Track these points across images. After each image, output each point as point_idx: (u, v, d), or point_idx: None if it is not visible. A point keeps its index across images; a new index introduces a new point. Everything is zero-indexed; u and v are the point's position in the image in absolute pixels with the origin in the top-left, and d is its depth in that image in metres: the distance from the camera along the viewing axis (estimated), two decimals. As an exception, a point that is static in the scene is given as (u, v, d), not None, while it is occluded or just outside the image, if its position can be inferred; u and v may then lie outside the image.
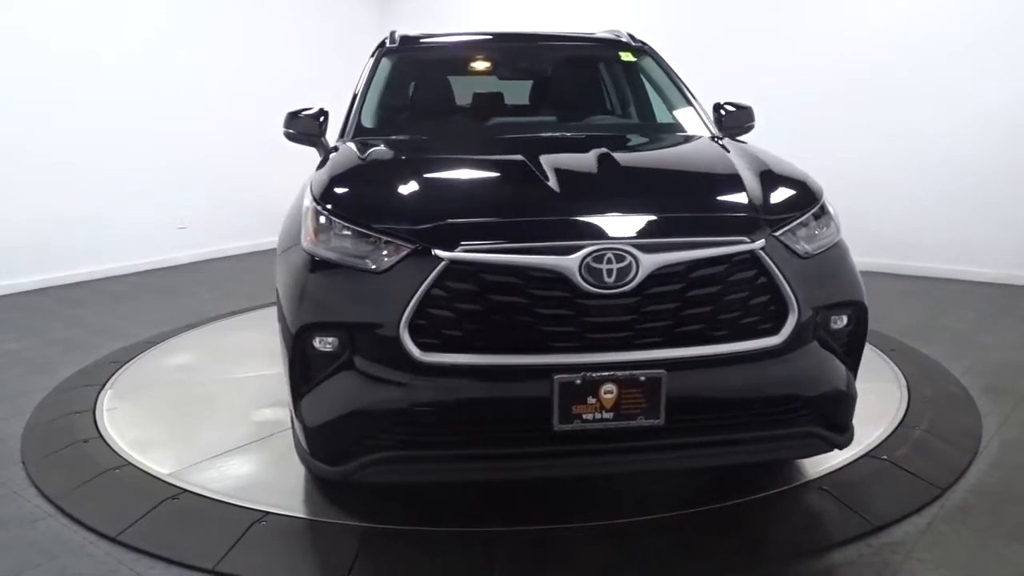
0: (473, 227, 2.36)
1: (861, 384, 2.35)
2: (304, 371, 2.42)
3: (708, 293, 2.32)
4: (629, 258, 2.24)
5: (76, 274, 7.08)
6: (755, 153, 3.02)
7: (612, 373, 2.24)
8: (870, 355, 4.46)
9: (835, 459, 3.09)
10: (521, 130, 3.70)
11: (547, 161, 2.70)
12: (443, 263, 2.23)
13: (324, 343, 2.36)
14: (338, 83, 3.99)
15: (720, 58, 7.36)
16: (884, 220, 6.76)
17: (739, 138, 3.64)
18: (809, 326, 2.44)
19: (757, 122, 3.78)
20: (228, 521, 2.76)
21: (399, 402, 2.29)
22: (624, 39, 4.23)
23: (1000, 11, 6.05)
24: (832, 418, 2.55)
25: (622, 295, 2.25)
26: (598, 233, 2.29)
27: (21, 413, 3.81)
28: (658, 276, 2.27)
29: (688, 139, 3.47)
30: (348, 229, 2.43)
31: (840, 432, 2.58)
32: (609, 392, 2.25)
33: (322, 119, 3.64)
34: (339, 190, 2.68)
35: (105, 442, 3.41)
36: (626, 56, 4.18)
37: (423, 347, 2.26)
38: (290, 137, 3.65)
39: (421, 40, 4.25)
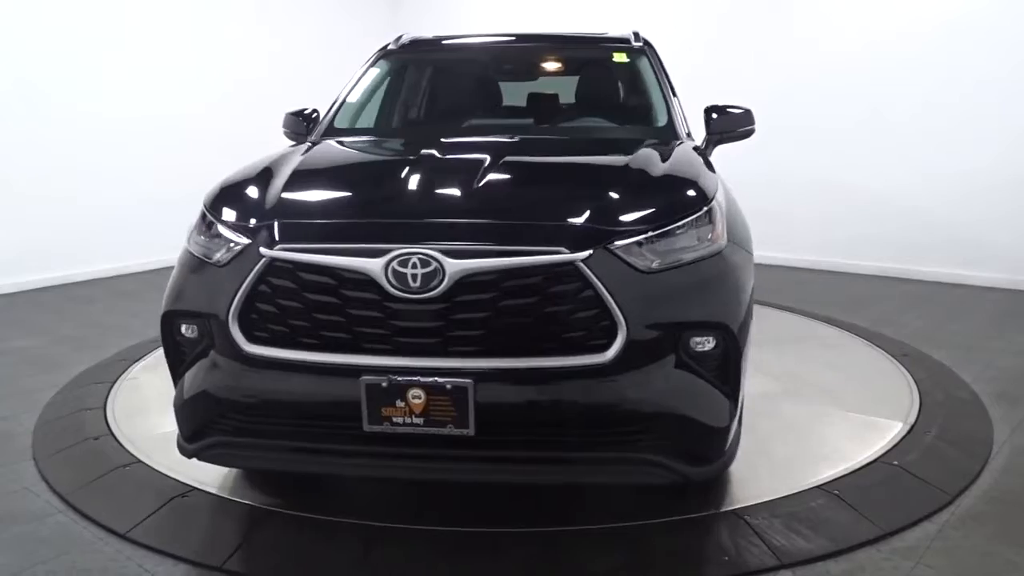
0: (297, 226, 2.45)
1: (872, 388, 2.31)
2: (175, 354, 2.59)
3: (523, 304, 2.24)
4: (435, 264, 2.21)
5: (87, 272, 7.11)
6: (668, 160, 2.86)
7: (417, 379, 2.23)
8: (881, 360, 4.47)
9: (846, 463, 3.09)
10: (482, 133, 3.65)
11: (430, 164, 2.79)
12: (264, 260, 2.33)
13: (188, 329, 2.52)
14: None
15: (731, 59, 7.35)
16: (895, 224, 6.74)
17: (738, 143, 3.58)
18: (657, 346, 2.27)
19: (769, 124, 3.72)
20: (236, 519, 2.77)
21: (230, 390, 2.43)
22: (626, 38, 4.09)
23: (1016, 17, 6.03)
24: (686, 447, 2.35)
25: (429, 300, 2.23)
26: (408, 237, 2.27)
27: (32, 410, 3.83)
28: (468, 284, 2.22)
29: (626, 145, 3.19)
30: (215, 226, 2.57)
31: (697, 463, 2.37)
32: (417, 397, 2.24)
33: (314, 117, 3.81)
34: (222, 189, 2.78)
35: (115, 439, 3.43)
36: (619, 57, 4.04)
37: (253, 339, 2.36)
38: (287, 135, 3.81)
39: (423, 43, 4.27)
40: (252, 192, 2.68)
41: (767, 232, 7.56)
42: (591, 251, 2.24)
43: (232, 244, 2.46)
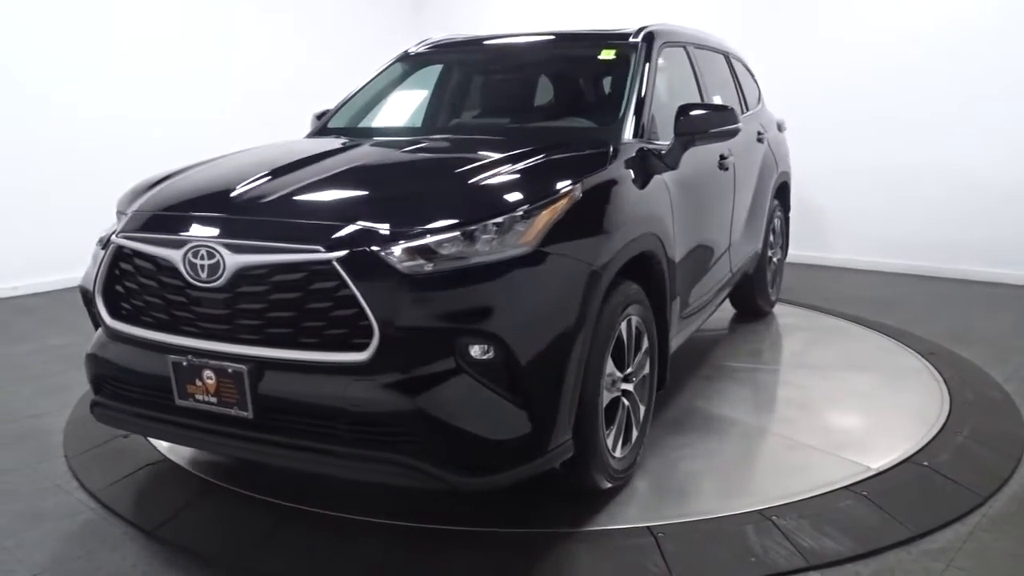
0: (138, 216, 2.72)
1: (901, 388, 2.27)
2: (93, 323, 2.90)
3: (290, 299, 2.35)
4: (217, 256, 2.40)
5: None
6: (534, 161, 2.80)
7: (206, 360, 2.45)
8: (909, 359, 4.41)
9: (874, 464, 3.06)
10: (460, 131, 3.76)
11: (293, 163, 2.98)
12: (113, 246, 2.66)
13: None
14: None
15: (757, 57, 7.29)
16: (924, 222, 6.64)
17: (707, 144, 3.48)
18: (421, 349, 2.28)
19: (797, 124, 3.60)
20: (260, 517, 2.80)
21: (103, 358, 2.77)
22: (625, 34, 3.81)
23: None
24: (453, 455, 2.33)
25: (215, 290, 2.42)
26: (201, 230, 2.50)
27: (64, 407, 3.89)
28: (246, 276, 2.39)
29: (524, 146, 3.00)
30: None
31: (463, 472, 2.33)
32: (209, 378, 2.46)
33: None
34: (133, 185, 3.06)
35: (144, 436, 3.47)
36: (606, 55, 3.81)
37: (115, 315, 2.68)
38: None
39: (436, 46, 4.31)
40: (142, 187, 3.00)
41: (797, 231, 7.52)
42: (347, 251, 2.29)
43: (109, 231, 2.79)
